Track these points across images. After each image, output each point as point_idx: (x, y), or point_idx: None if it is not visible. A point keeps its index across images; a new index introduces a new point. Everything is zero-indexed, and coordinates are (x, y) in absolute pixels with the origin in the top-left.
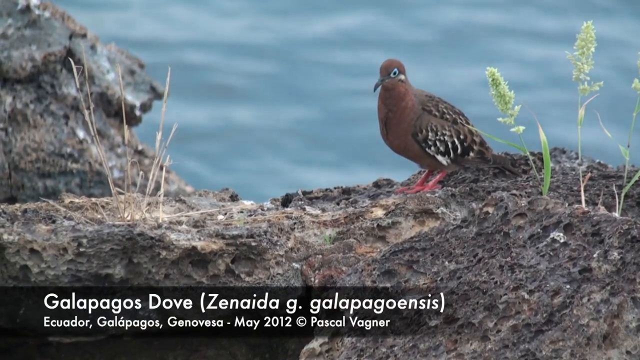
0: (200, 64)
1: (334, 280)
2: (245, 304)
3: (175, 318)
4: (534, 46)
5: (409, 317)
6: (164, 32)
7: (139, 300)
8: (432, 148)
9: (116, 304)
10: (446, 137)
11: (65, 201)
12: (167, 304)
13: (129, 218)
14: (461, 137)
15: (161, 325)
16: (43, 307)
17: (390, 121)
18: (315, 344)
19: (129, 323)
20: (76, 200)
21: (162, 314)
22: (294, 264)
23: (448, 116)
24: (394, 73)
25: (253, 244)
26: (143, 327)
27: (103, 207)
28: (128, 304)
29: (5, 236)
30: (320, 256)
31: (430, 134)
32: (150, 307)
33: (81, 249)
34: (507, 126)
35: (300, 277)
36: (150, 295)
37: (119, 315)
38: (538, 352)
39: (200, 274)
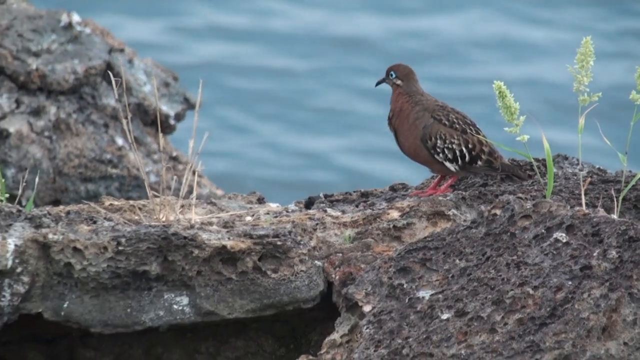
0: None
1: (353, 276)
2: (269, 297)
3: (207, 312)
4: None
5: (422, 311)
6: None
7: (172, 294)
8: (441, 155)
9: (151, 300)
10: (454, 145)
11: (105, 203)
12: (199, 298)
13: (164, 219)
14: (469, 146)
15: (194, 318)
16: (85, 301)
17: (395, 121)
18: (336, 335)
19: (164, 316)
20: (115, 203)
21: (195, 308)
22: (316, 261)
23: (457, 126)
24: (391, 76)
25: (278, 243)
26: (177, 320)
27: (140, 209)
28: (162, 297)
29: (50, 236)
30: (341, 254)
31: (438, 141)
32: (184, 302)
33: (120, 248)
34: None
35: (322, 273)
36: (184, 292)
37: (154, 309)
38: (542, 344)
39: (230, 270)
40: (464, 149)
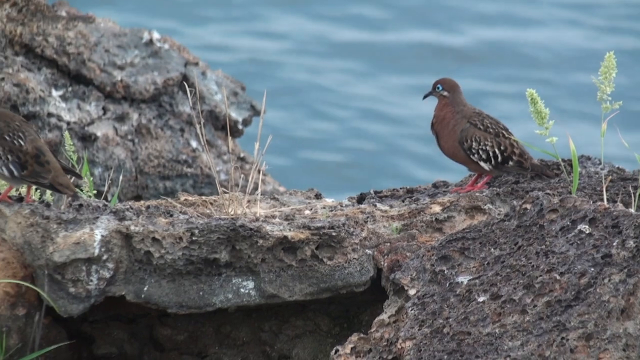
0: None
1: (399, 263)
2: (325, 282)
3: (270, 295)
4: None
5: (461, 294)
6: None
7: (240, 279)
8: (476, 155)
9: (221, 284)
10: (488, 147)
11: (181, 199)
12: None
13: (232, 213)
14: (502, 148)
15: (259, 301)
16: (163, 285)
17: (437, 126)
18: (384, 316)
19: (232, 298)
20: (190, 198)
21: (259, 291)
22: (367, 250)
23: (491, 130)
24: (438, 88)
25: (334, 234)
26: (244, 302)
27: (211, 203)
28: (231, 282)
29: (132, 227)
30: (389, 244)
31: (474, 143)
32: (250, 286)
33: (193, 238)
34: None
35: (372, 261)
36: (250, 277)
37: (224, 292)
38: (568, 323)
39: (291, 258)
40: (496, 150)
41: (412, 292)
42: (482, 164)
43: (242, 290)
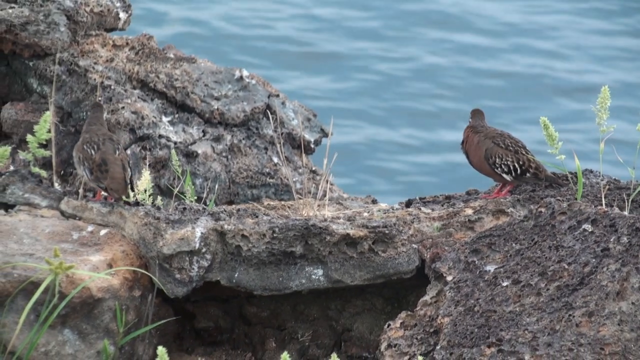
0: None
1: (439, 255)
2: (380, 270)
3: (336, 280)
4: None
5: (488, 280)
6: None
7: (311, 267)
8: (499, 169)
9: (296, 272)
10: (508, 162)
11: (264, 203)
12: (332, 271)
13: (305, 214)
14: (520, 162)
15: (326, 285)
16: (250, 272)
17: (466, 145)
18: (427, 297)
19: (305, 283)
20: (271, 203)
21: (327, 277)
22: (413, 245)
23: (511, 148)
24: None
25: (387, 231)
26: (314, 286)
27: (289, 207)
28: (304, 270)
29: (225, 226)
30: (431, 240)
31: (497, 159)
32: (320, 273)
33: (274, 235)
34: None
35: (417, 253)
36: (319, 266)
37: (299, 278)
38: (574, 303)
39: (352, 251)
40: (515, 164)
41: (449, 278)
42: (504, 175)
43: (313, 276)
